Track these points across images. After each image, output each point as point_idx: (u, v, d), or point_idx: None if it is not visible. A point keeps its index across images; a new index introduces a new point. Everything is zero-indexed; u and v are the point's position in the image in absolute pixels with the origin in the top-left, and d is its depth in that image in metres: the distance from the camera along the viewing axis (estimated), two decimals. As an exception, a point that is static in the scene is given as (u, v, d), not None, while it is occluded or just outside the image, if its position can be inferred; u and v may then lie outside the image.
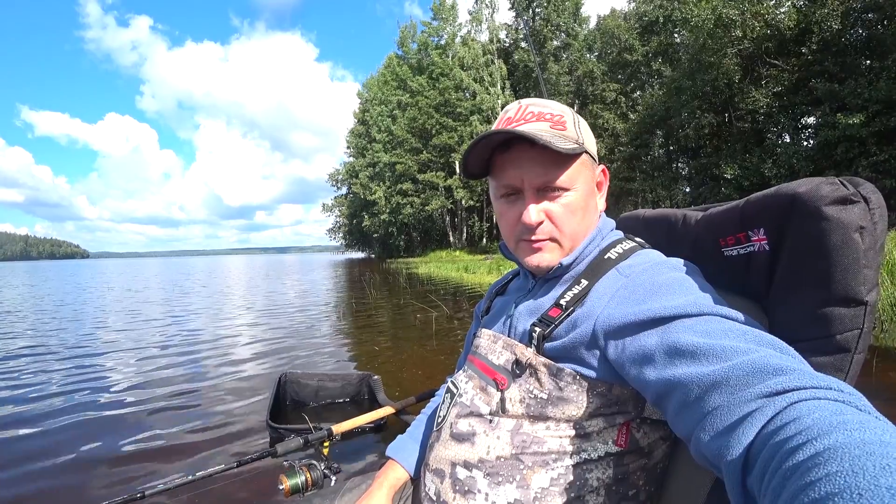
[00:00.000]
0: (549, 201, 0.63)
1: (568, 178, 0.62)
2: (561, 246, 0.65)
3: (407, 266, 23.52)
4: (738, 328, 0.47)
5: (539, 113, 0.64)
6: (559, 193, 0.63)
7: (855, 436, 0.28)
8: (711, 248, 0.63)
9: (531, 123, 0.63)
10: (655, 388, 0.48)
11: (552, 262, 0.65)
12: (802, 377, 0.37)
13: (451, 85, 32.06)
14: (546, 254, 0.65)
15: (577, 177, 0.63)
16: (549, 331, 0.60)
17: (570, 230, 0.64)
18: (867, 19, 13.99)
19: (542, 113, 0.64)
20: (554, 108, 0.65)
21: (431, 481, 0.65)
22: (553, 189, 0.63)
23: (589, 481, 0.57)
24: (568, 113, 0.65)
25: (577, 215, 0.64)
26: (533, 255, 0.66)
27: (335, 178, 49.13)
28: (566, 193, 0.63)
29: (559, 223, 0.64)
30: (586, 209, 0.65)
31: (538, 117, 0.64)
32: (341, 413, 2.62)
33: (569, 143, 0.61)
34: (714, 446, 0.38)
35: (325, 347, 4.48)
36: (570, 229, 0.64)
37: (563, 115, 0.65)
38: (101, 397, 3.05)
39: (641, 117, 23.16)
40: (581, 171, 0.64)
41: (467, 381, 0.69)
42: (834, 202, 0.47)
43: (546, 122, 0.63)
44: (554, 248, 0.65)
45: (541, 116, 0.64)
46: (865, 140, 12.67)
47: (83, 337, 5.40)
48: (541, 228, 0.64)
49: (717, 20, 15.73)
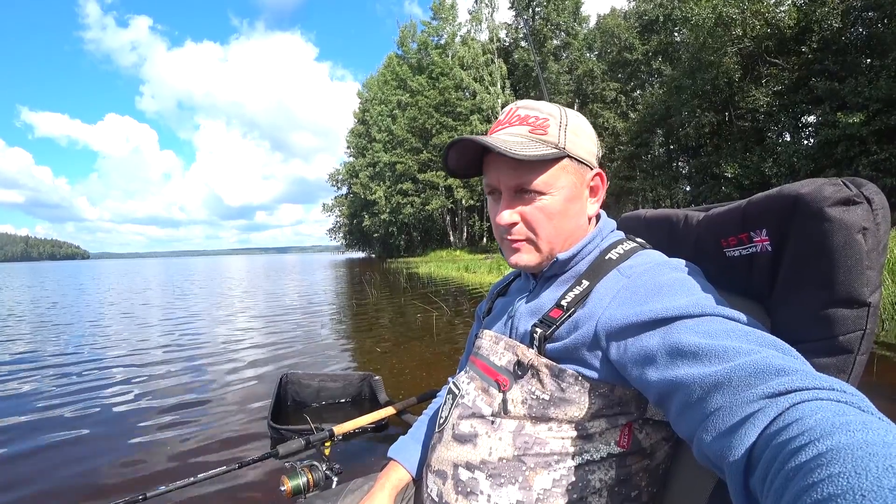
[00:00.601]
0: (523, 204, 0.64)
1: (542, 183, 0.62)
2: (538, 249, 0.66)
3: (407, 266, 23.52)
4: (740, 329, 0.47)
5: (524, 116, 0.65)
6: (534, 197, 0.63)
7: (858, 437, 0.28)
8: (713, 249, 0.63)
9: (513, 127, 0.64)
10: (657, 388, 0.48)
11: (529, 262, 0.67)
12: (805, 378, 0.37)
13: (451, 84, 32.07)
14: (523, 254, 0.67)
15: (553, 182, 0.63)
16: (551, 332, 0.60)
17: (545, 234, 0.65)
18: (867, 18, 13.98)
19: (528, 116, 0.65)
20: (542, 110, 0.65)
21: (433, 482, 0.65)
22: (527, 192, 0.63)
23: (591, 482, 0.57)
24: (556, 116, 0.64)
25: (553, 220, 0.64)
26: (512, 254, 0.67)
27: (335, 178, 49.14)
28: (542, 197, 0.63)
29: (534, 226, 0.64)
30: (565, 214, 0.65)
31: (522, 121, 0.64)
32: (342, 414, 2.62)
33: (540, 149, 0.61)
34: (716, 447, 0.39)
35: (326, 348, 4.48)
36: (546, 233, 0.65)
37: (548, 118, 0.64)
38: (101, 399, 3.04)
39: (641, 116, 23.15)
40: (560, 175, 0.63)
41: (469, 382, 0.69)
42: (837, 203, 0.47)
43: (527, 125, 0.64)
44: (530, 250, 0.66)
45: (524, 120, 0.64)
46: (866, 139, 12.66)
47: (83, 339, 5.40)
48: (515, 229, 0.65)
49: (718, 19, 15.72)
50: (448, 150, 0.65)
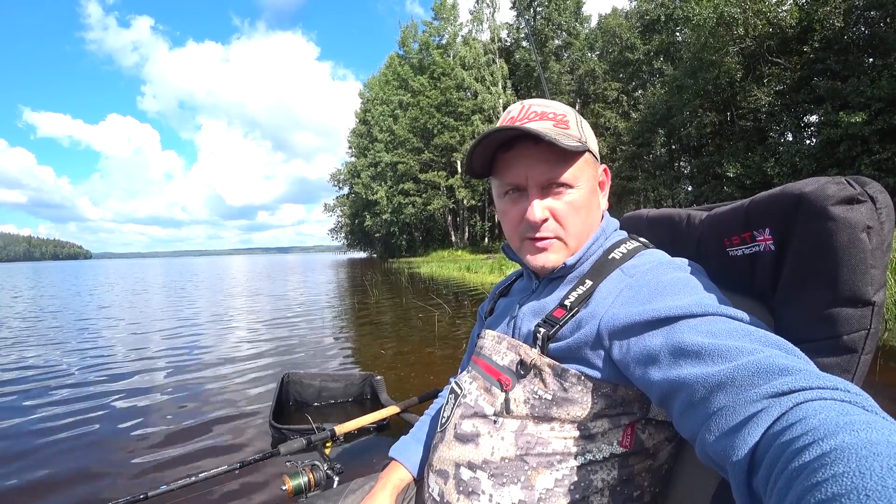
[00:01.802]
0: (552, 198, 0.63)
1: (572, 176, 0.63)
2: (566, 245, 0.65)
3: (409, 266, 23.52)
4: (743, 328, 0.46)
5: (542, 112, 0.65)
6: (563, 190, 0.63)
7: (862, 436, 0.28)
8: (716, 249, 0.63)
9: (535, 122, 0.63)
10: (660, 388, 0.48)
11: (557, 262, 0.65)
12: (808, 377, 0.37)
13: (452, 84, 32.08)
14: (551, 254, 0.65)
15: (580, 175, 0.64)
16: (554, 331, 0.60)
17: (574, 228, 0.64)
18: (869, 17, 13.92)
19: (546, 112, 0.65)
20: (557, 107, 0.66)
21: (435, 482, 0.65)
22: (557, 186, 0.63)
23: (594, 482, 0.57)
24: (570, 113, 0.66)
25: (580, 213, 0.64)
26: (538, 254, 0.66)
27: (337, 178, 49.17)
28: (570, 191, 0.63)
29: (563, 221, 0.64)
30: (589, 207, 0.66)
31: (541, 116, 0.64)
32: (344, 413, 2.62)
33: (572, 141, 0.62)
34: (719, 447, 0.38)
35: (328, 348, 4.48)
36: (575, 228, 0.64)
37: (566, 114, 0.65)
38: (102, 398, 3.05)
39: (643, 116, 23.11)
40: (584, 169, 0.64)
41: (471, 381, 0.69)
42: (840, 202, 0.46)
43: (550, 120, 0.64)
44: (560, 248, 0.65)
45: (544, 115, 0.64)
46: (868, 138, 12.61)
47: (83, 340, 5.41)
48: (545, 226, 0.64)
49: (719, 18, 15.68)
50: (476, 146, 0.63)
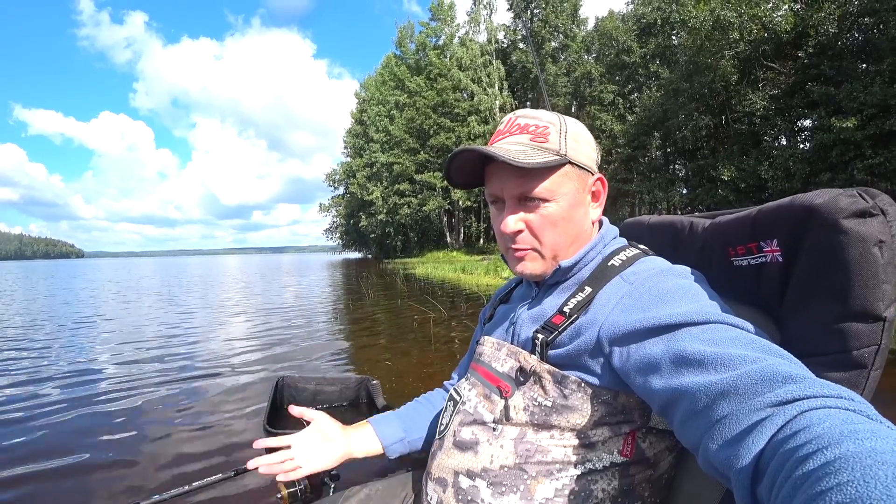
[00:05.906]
0: (526, 212, 0.64)
1: (545, 190, 0.63)
2: (542, 257, 0.66)
3: (404, 266, 23.50)
4: (745, 336, 0.46)
5: (525, 125, 0.65)
6: (538, 204, 0.64)
7: (866, 445, 0.28)
8: (719, 257, 0.63)
9: (513, 136, 0.65)
10: (661, 396, 0.47)
11: (535, 270, 0.67)
12: (812, 386, 0.37)
13: (448, 85, 32.11)
14: (528, 262, 0.67)
15: (556, 188, 0.63)
16: (553, 338, 0.60)
17: (549, 241, 0.65)
18: (863, 24, 14.08)
19: (528, 125, 0.65)
20: (542, 119, 0.66)
21: (434, 490, 0.65)
22: (531, 200, 0.63)
23: (594, 492, 0.57)
24: (556, 124, 0.65)
25: (557, 226, 0.64)
26: (517, 263, 0.67)
27: (332, 178, 49.07)
28: (546, 204, 0.63)
29: (538, 233, 0.65)
30: (569, 220, 0.65)
31: (522, 130, 0.65)
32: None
33: (542, 157, 0.61)
34: (723, 455, 0.38)
35: (323, 351, 4.45)
36: (550, 240, 0.65)
37: (549, 126, 0.65)
38: (93, 405, 3.00)
39: (639, 119, 23.23)
40: (563, 182, 0.64)
41: (470, 388, 0.69)
42: (852, 215, 0.46)
43: (528, 134, 0.64)
44: (536, 258, 0.66)
45: (524, 129, 0.65)
46: (860, 143, 12.74)
47: (75, 342, 5.36)
48: (520, 238, 0.65)
49: (715, 23, 15.79)
50: (450, 163, 0.65)
